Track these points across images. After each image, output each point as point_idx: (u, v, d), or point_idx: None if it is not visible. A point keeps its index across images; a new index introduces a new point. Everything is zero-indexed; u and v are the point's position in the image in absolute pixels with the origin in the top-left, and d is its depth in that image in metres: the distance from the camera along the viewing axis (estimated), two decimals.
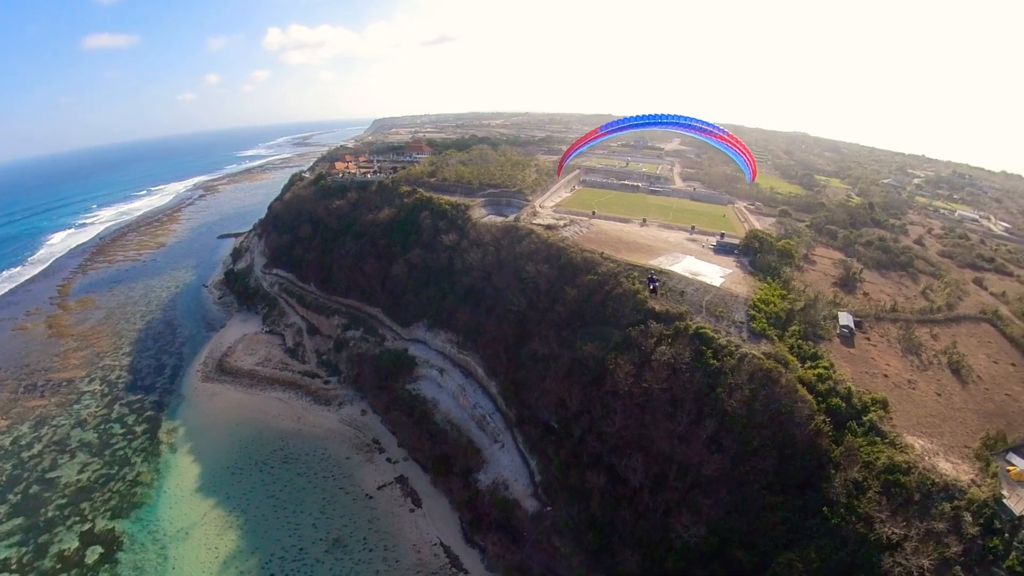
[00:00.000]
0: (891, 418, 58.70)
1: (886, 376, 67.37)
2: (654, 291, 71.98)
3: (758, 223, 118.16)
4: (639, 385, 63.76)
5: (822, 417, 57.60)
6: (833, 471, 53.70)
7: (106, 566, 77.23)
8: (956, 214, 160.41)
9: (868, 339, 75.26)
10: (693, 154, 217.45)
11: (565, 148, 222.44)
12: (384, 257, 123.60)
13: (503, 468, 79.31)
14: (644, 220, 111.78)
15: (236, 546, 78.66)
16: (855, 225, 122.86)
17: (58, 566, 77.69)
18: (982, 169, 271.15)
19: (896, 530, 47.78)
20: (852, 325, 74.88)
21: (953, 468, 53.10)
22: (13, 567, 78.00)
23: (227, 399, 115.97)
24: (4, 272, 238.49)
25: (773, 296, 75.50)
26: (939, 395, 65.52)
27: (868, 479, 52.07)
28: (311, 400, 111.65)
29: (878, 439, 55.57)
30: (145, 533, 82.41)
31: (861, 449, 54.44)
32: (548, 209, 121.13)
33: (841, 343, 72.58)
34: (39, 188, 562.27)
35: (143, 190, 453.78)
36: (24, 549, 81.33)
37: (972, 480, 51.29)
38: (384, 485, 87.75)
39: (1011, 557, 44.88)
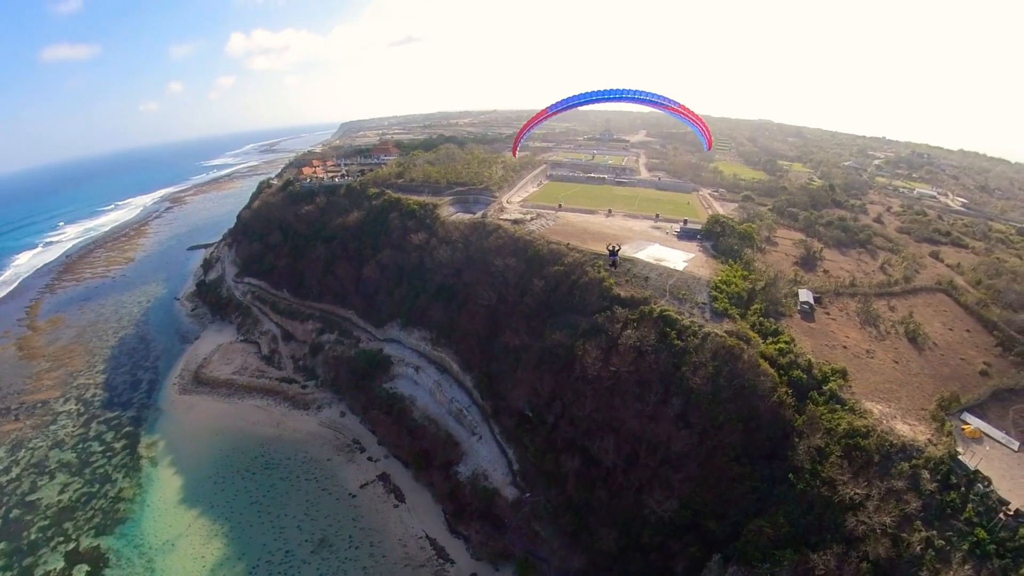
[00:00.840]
0: (851, 386, 61.24)
1: (845, 347, 70.07)
2: (614, 264, 72.96)
3: (721, 209, 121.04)
4: (607, 369, 65.58)
5: (784, 389, 59.94)
6: (797, 439, 55.98)
7: None
8: (915, 192, 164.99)
9: (828, 314, 78.03)
10: (659, 145, 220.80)
11: (532, 143, 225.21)
12: (355, 260, 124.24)
13: (482, 459, 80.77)
14: (609, 211, 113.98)
15: (223, 554, 79.08)
16: (816, 207, 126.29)
17: None
18: (940, 148, 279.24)
19: (858, 491, 50.05)
20: (812, 301, 77.57)
21: (911, 429, 55.54)
22: None
23: (205, 410, 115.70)
24: None
25: (735, 277, 78.00)
26: (896, 362, 68.35)
27: (830, 445, 54.34)
28: (289, 405, 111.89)
29: (838, 407, 58.10)
30: (131, 548, 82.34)
31: (822, 417, 56.88)
32: (515, 204, 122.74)
33: (801, 319, 75.16)
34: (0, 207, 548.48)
35: (109, 205, 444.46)
36: (9, 574, 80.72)
37: (929, 440, 53.68)
38: (367, 483, 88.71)
39: (968, 509, 47.08)
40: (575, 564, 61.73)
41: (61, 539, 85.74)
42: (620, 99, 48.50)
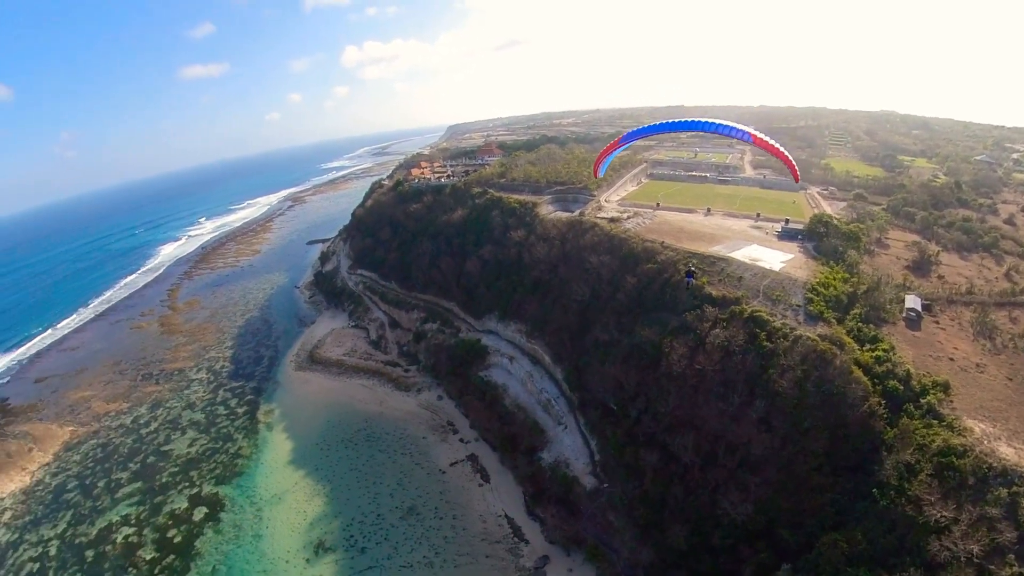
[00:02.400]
0: (952, 401, 56.97)
1: (952, 360, 65.25)
2: (688, 286, 73.67)
3: (829, 208, 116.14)
4: (693, 367, 66.28)
5: (877, 399, 57.14)
6: (885, 453, 53.15)
7: (210, 523, 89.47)
8: None
9: (937, 322, 73.24)
10: None
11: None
12: (458, 255, 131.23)
13: (565, 448, 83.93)
14: (708, 209, 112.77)
15: (322, 511, 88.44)
16: (937, 206, 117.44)
17: (170, 522, 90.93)
18: None
19: (946, 514, 46.62)
20: (919, 308, 73.20)
21: (1015, 453, 50.73)
22: (132, 521, 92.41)
23: (317, 385, 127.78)
24: (123, 280, 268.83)
25: (834, 280, 75.40)
26: (1010, 380, 62.51)
27: (921, 462, 50.96)
28: (392, 386, 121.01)
29: (935, 422, 54.19)
30: (244, 497, 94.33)
31: (916, 432, 53.36)
32: (613, 203, 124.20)
33: (906, 327, 71.20)
34: (148, 207, 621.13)
35: (239, 204, 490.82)
36: (142, 508, 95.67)
37: None
38: (456, 462, 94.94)
39: None
40: (644, 557, 63.14)
41: (186, 484, 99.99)
42: (690, 129, 48.98)
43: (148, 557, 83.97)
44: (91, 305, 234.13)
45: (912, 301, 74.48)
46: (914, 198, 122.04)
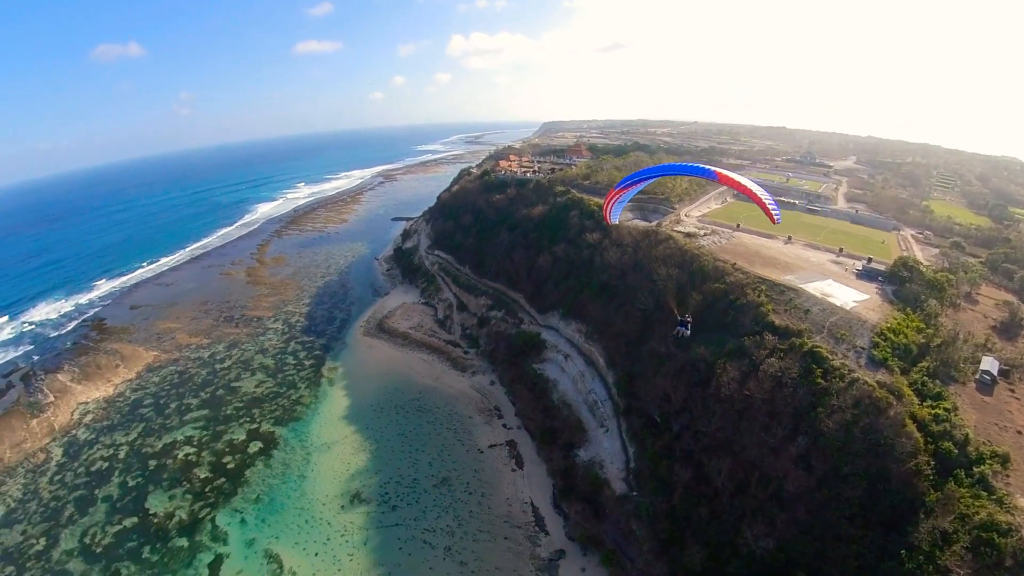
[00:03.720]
0: (1008, 476, 53.30)
1: (1020, 433, 60.83)
2: (678, 335, 72.60)
3: (922, 253, 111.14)
4: (742, 392, 66.09)
5: (926, 458, 54.43)
6: (923, 516, 50.53)
7: (262, 457, 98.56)
8: None
9: (1013, 391, 68.51)
10: (866, 174, 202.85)
11: (726, 160, 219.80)
12: (532, 249, 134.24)
13: (603, 450, 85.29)
14: (789, 237, 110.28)
15: (364, 465, 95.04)
16: None
17: (226, 450, 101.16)
18: None
19: None
20: (996, 372, 68.79)
21: None
22: (194, 443, 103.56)
23: (381, 352, 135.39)
24: (220, 230, 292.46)
25: (907, 328, 72.63)
26: None
27: (959, 532, 48.26)
28: (450, 365, 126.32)
29: (984, 493, 50.92)
30: (296, 440, 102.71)
31: (961, 500, 50.43)
32: (693, 218, 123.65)
33: (977, 389, 67.17)
34: (251, 167, 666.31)
35: (334, 174, 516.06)
36: (204, 432, 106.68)
37: None
38: (495, 445, 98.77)
39: None
40: (657, 571, 63.48)
41: (247, 420, 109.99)
42: (661, 173, 48.57)
43: (202, 476, 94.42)
44: (188, 249, 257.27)
45: (988, 363, 70.29)
46: (1018, 255, 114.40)
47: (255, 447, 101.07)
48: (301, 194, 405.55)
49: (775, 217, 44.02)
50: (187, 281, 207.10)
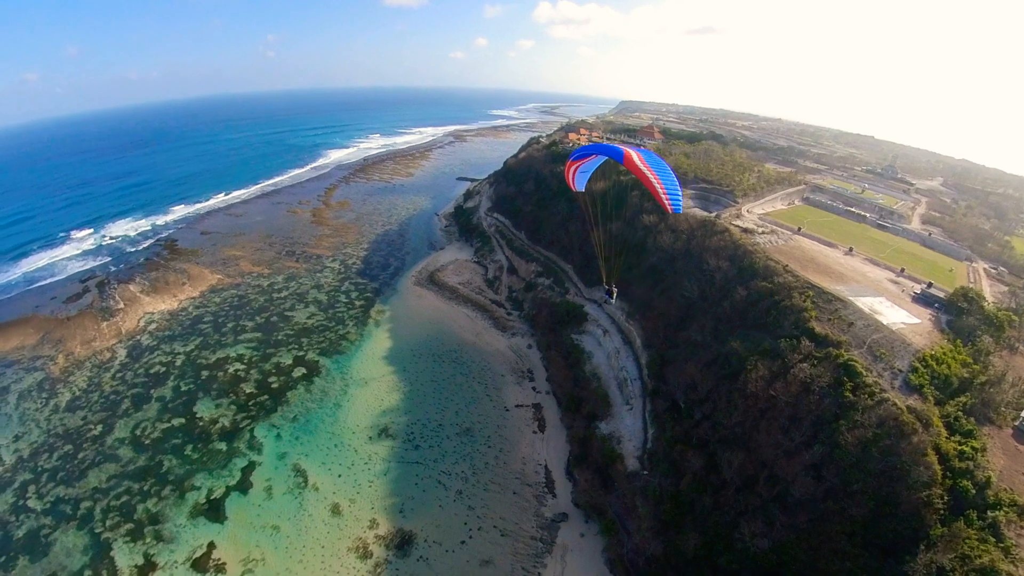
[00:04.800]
0: (1022, 528, 51.33)
1: None
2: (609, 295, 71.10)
3: (989, 288, 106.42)
4: (768, 392, 66.41)
5: (940, 491, 53.40)
6: (923, 548, 49.89)
7: (304, 383, 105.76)
8: None
9: None
10: (950, 198, 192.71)
11: (801, 161, 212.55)
12: (588, 223, 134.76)
13: (624, 426, 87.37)
14: (851, 249, 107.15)
15: (395, 404, 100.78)
16: None
17: (273, 370, 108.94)
18: None
19: None
20: None
21: None
22: (244, 361, 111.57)
23: (428, 302, 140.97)
24: (291, 171, 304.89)
25: (952, 359, 70.30)
26: None
27: (956, 571, 47.59)
28: (492, 323, 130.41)
29: (992, 539, 49.65)
30: (337, 371, 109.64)
31: (966, 540, 49.41)
32: (754, 215, 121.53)
33: (1013, 436, 64.54)
34: (329, 113, 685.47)
35: (406, 128, 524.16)
36: (255, 353, 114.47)
37: None
38: (521, 405, 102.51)
39: None
40: (651, 549, 65.58)
41: (296, 347, 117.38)
42: (596, 153, 47.05)
43: (248, 391, 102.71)
44: (260, 185, 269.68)
45: None
46: None
47: (299, 372, 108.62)
48: (373, 145, 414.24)
49: (670, 207, 43.48)
50: (256, 214, 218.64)
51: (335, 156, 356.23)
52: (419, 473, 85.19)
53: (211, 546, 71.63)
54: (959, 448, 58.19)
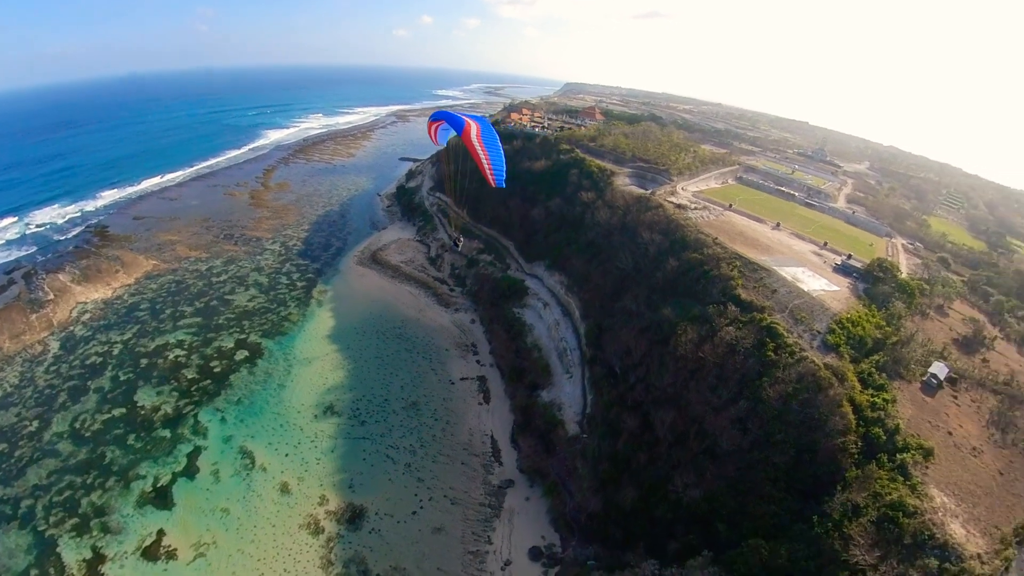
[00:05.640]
0: (927, 468, 56.45)
1: (950, 434, 63.84)
2: (455, 243, 73.37)
3: (906, 261, 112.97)
4: (696, 354, 69.74)
5: (855, 438, 57.88)
6: (840, 489, 54.09)
7: (247, 365, 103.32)
8: None
9: (955, 397, 70.99)
10: (875, 180, 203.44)
11: (737, 144, 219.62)
12: (529, 201, 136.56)
13: (564, 394, 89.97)
14: (778, 224, 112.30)
15: (339, 382, 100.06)
16: (1022, 297, 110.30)
17: (215, 355, 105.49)
18: None
19: (869, 560, 47.63)
20: (943, 377, 71.55)
21: (965, 536, 50.32)
22: (185, 347, 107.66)
23: (371, 281, 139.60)
24: (229, 152, 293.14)
25: (867, 322, 75.50)
26: (1001, 474, 60.55)
27: (869, 507, 51.51)
28: (435, 300, 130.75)
29: (900, 479, 54.04)
30: (280, 352, 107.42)
31: (877, 480, 53.71)
32: (688, 192, 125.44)
33: (921, 390, 70.04)
34: (266, 92, 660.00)
35: (347, 108, 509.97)
36: (196, 338, 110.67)
37: (979, 556, 48.38)
38: (466, 378, 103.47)
39: None
40: (591, 506, 68.89)
41: (237, 330, 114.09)
42: (442, 119, 48.74)
43: (189, 376, 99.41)
44: (196, 167, 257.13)
45: (937, 368, 72.74)
46: (1001, 280, 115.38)
47: (241, 355, 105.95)
48: (314, 125, 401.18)
49: (493, 181, 46.26)
50: (191, 198, 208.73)
51: (274, 136, 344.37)
52: (367, 448, 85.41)
53: (161, 533, 69.97)
54: (872, 400, 63.10)
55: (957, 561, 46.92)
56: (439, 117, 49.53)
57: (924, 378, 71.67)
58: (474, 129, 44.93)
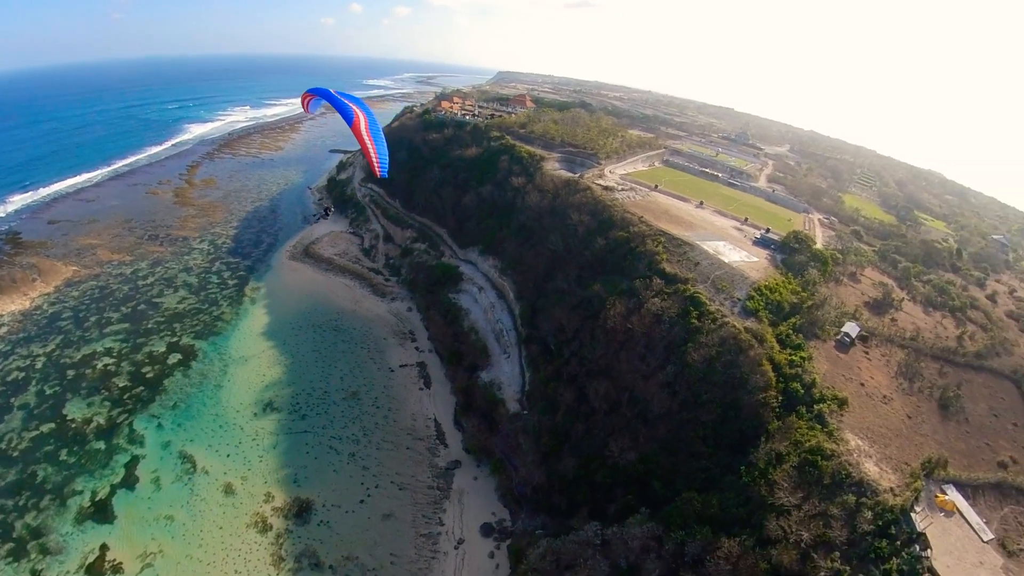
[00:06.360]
0: (843, 416, 60.98)
1: (863, 385, 69.08)
2: (326, 213, 75.21)
3: (821, 234, 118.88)
4: (625, 325, 72.43)
5: (775, 393, 61.75)
6: (764, 440, 57.87)
7: (181, 368, 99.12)
8: None
9: (866, 353, 76.51)
10: (794, 161, 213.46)
11: (664, 129, 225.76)
12: (461, 188, 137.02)
13: (503, 374, 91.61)
14: (701, 202, 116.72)
15: (278, 378, 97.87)
16: (927, 263, 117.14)
17: (146, 361, 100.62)
18: None
19: (792, 500, 51.35)
20: (854, 336, 76.67)
21: (879, 473, 54.59)
22: (114, 354, 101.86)
23: (304, 276, 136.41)
24: (149, 149, 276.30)
25: (784, 288, 80.00)
26: (910, 417, 65.94)
27: (791, 454, 55.32)
28: (370, 291, 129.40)
29: (818, 426, 58.21)
30: (215, 353, 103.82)
31: (798, 429, 57.63)
32: (616, 175, 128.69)
33: (835, 348, 74.96)
34: (187, 84, 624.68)
35: (273, 100, 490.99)
36: (124, 345, 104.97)
37: (891, 489, 52.69)
38: (406, 365, 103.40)
39: (892, 563, 46.27)
40: (536, 478, 70.70)
41: (168, 333, 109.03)
42: (328, 100, 50.80)
43: (121, 384, 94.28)
44: (114, 166, 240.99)
45: (850, 327, 78.09)
46: (907, 249, 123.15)
47: (174, 359, 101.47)
48: (240, 117, 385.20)
49: (378, 171, 48.92)
50: (110, 198, 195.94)
51: (198, 131, 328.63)
52: (309, 442, 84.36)
53: (104, 548, 66.73)
54: (789, 358, 67.26)
55: (872, 495, 51.22)
56: (315, 92, 50.43)
57: (838, 337, 76.80)
58: (363, 122, 47.13)
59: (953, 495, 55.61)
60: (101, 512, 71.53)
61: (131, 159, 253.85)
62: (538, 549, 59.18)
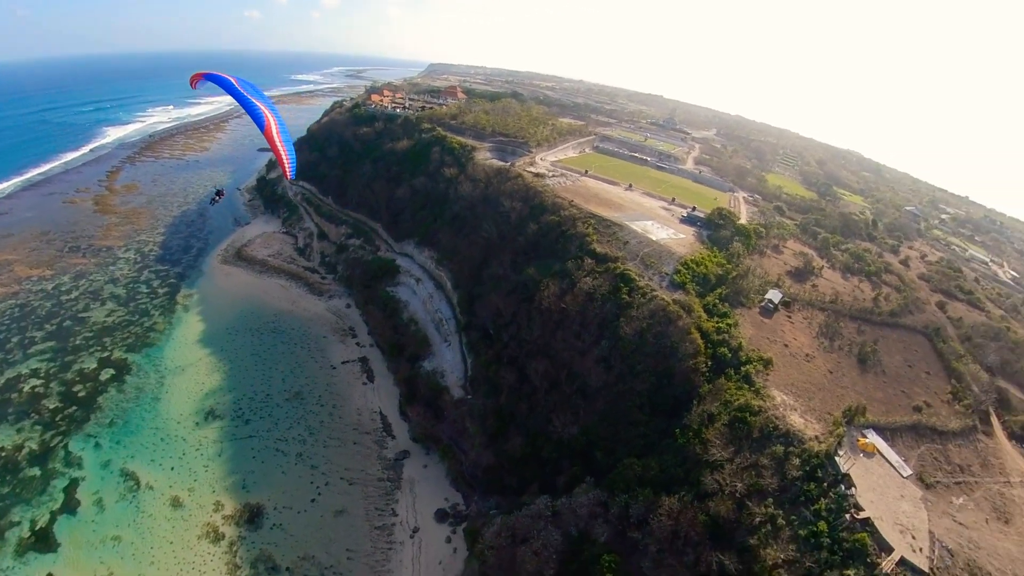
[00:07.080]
0: (768, 375, 64.66)
1: (786, 346, 73.09)
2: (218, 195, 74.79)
3: (746, 211, 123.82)
4: (559, 305, 74.47)
5: (704, 359, 65.12)
6: (696, 403, 60.94)
7: (115, 384, 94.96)
8: (967, 253, 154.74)
9: (789, 317, 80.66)
10: (720, 144, 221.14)
11: (595, 116, 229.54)
12: (393, 181, 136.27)
13: (445, 361, 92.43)
14: (630, 185, 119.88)
15: (218, 385, 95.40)
16: (844, 234, 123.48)
17: (77, 379, 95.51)
18: None
19: (724, 455, 54.58)
20: (777, 302, 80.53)
21: (804, 424, 58.34)
22: (41, 375, 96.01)
23: (238, 279, 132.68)
24: (64, 155, 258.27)
25: (709, 261, 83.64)
26: (831, 372, 70.62)
27: (721, 413, 58.78)
28: (307, 290, 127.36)
29: (746, 386, 61.82)
30: (150, 365, 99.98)
31: (727, 390, 61.08)
32: (547, 162, 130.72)
33: (760, 314, 78.77)
34: (101, 85, 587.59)
35: (196, 98, 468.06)
36: (52, 364, 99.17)
37: (816, 437, 56.46)
38: (347, 361, 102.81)
39: (820, 503, 49.86)
40: (485, 460, 72.17)
41: (98, 348, 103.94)
42: (232, 94, 50.09)
43: (52, 406, 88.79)
44: (26, 175, 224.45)
45: (772, 294, 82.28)
46: (827, 221, 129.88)
47: (107, 374, 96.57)
48: (160, 118, 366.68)
49: (288, 173, 50.03)
50: (24, 210, 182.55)
51: (117, 134, 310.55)
52: (255, 446, 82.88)
53: None
54: (717, 326, 70.69)
55: (799, 444, 54.82)
56: (210, 79, 49.70)
57: (762, 304, 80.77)
58: (274, 128, 47.01)
59: (873, 438, 59.74)
60: (43, 541, 67.98)
61: (45, 167, 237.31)
62: (492, 527, 60.31)
